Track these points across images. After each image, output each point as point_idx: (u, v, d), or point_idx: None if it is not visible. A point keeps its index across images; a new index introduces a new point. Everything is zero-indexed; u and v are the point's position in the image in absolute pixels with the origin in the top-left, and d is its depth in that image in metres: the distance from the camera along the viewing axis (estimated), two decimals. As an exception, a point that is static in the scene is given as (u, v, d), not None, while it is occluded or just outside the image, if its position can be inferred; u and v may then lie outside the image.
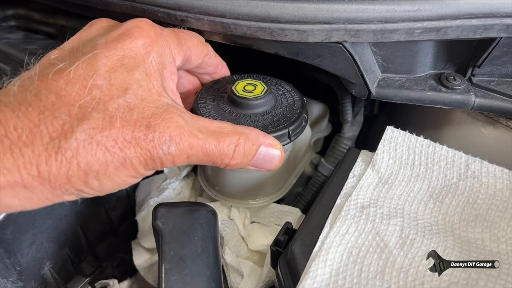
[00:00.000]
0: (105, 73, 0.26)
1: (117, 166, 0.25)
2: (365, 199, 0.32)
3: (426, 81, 0.37)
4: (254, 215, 0.44)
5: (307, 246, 0.30)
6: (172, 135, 0.26)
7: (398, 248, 0.28)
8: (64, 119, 0.24)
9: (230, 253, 0.39)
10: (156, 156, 0.26)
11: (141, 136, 0.25)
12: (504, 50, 0.34)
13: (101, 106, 0.25)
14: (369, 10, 0.31)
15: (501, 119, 0.37)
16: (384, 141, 0.36)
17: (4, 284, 0.37)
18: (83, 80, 0.26)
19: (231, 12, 0.33)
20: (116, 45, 0.28)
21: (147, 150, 0.25)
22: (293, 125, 0.35)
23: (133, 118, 0.25)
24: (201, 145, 0.28)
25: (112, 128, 0.25)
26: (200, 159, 0.28)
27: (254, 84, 0.36)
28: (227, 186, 0.43)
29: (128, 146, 0.25)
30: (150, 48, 0.29)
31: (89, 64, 0.26)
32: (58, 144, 0.23)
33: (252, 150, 0.31)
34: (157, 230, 0.31)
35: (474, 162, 0.33)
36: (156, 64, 0.29)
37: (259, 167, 0.32)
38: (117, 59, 0.28)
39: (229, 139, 0.29)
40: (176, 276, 0.29)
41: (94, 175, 0.24)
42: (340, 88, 0.46)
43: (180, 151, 0.27)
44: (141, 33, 0.29)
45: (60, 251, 0.42)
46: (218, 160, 0.29)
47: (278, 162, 0.33)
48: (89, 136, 0.24)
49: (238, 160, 0.30)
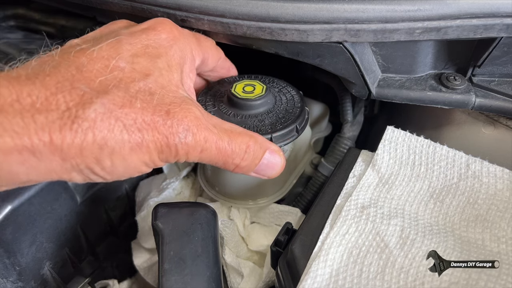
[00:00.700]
0: (128, 57, 0.26)
1: (133, 147, 0.24)
2: (366, 199, 0.32)
3: (426, 81, 0.37)
4: (254, 215, 0.44)
5: (307, 246, 0.30)
6: (190, 125, 0.26)
7: (398, 248, 0.28)
8: (84, 90, 0.23)
9: (230, 253, 0.39)
10: (173, 144, 0.25)
11: (160, 120, 0.25)
12: (505, 50, 0.34)
13: (123, 85, 0.25)
14: (369, 10, 0.31)
15: (502, 119, 0.37)
16: (384, 141, 0.36)
17: (4, 284, 0.37)
18: (106, 60, 0.25)
19: (231, 12, 0.33)
20: (140, 35, 0.29)
21: (164, 136, 0.25)
22: (299, 119, 0.35)
23: (153, 102, 0.25)
24: (215, 140, 0.28)
25: (132, 107, 0.24)
26: (212, 156, 0.28)
27: (252, 84, 0.37)
28: (227, 186, 0.43)
29: (147, 128, 0.24)
30: (173, 42, 0.30)
31: (113, 47, 0.27)
32: (75, 114, 0.22)
33: (260, 154, 0.31)
34: (157, 230, 0.31)
35: (475, 162, 0.33)
36: (178, 58, 0.30)
37: (261, 173, 0.32)
38: (141, 47, 0.28)
39: (241, 138, 0.29)
40: (176, 276, 0.29)
41: (108, 152, 0.23)
42: (340, 88, 0.46)
43: (195, 142, 0.26)
44: (165, 28, 0.30)
45: (60, 251, 0.42)
46: (229, 159, 0.29)
47: (280, 169, 0.33)
48: (109, 110, 0.23)
49: (248, 162, 0.30)
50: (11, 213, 0.35)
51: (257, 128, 0.34)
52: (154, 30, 0.30)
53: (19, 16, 0.62)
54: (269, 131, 0.34)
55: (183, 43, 0.31)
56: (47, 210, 0.39)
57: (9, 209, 0.35)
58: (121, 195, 0.49)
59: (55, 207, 0.39)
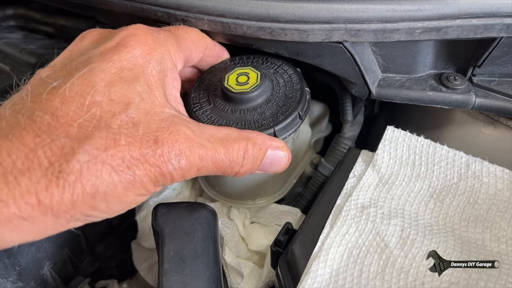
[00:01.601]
0: (103, 89, 0.25)
1: (126, 186, 0.23)
2: (366, 199, 0.32)
3: (426, 81, 0.37)
4: (254, 215, 0.44)
5: (307, 247, 0.30)
6: (182, 149, 0.25)
7: (398, 249, 0.28)
8: (63, 142, 0.22)
9: (230, 253, 0.39)
10: (167, 172, 0.25)
11: (149, 152, 0.24)
12: (505, 50, 0.34)
13: (103, 124, 0.24)
14: (370, 9, 0.31)
15: (502, 119, 0.37)
16: (384, 141, 0.36)
17: (4, 284, 0.37)
18: (80, 98, 0.24)
19: (231, 12, 0.33)
20: (112, 57, 0.26)
21: (156, 166, 0.24)
22: (300, 104, 0.34)
23: (138, 134, 0.24)
24: (211, 155, 0.27)
25: (118, 146, 0.23)
26: (210, 170, 0.27)
27: (245, 73, 0.34)
28: (227, 186, 0.43)
29: (137, 163, 0.23)
30: (149, 57, 0.28)
31: (86, 79, 0.25)
32: (58, 169, 0.21)
33: (260, 155, 0.30)
34: (157, 230, 0.31)
35: (475, 162, 0.33)
36: (157, 73, 0.28)
37: (267, 170, 0.32)
38: (115, 72, 0.26)
39: (238, 145, 0.28)
40: (176, 277, 0.29)
41: (101, 197, 0.23)
42: (340, 88, 0.46)
43: (190, 164, 0.26)
44: (138, 42, 0.28)
45: (59, 251, 0.42)
46: (228, 169, 0.28)
47: (286, 163, 0.32)
48: (93, 156, 0.22)
49: (248, 167, 0.29)
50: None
51: (258, 123, 0.32)
52: (126, 47, 0.27)
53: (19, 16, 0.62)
54: (271, 124, 0.32)
55: (160, 52, 0.29)
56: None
57: (9, 209, 0.34)
58: (121, 195, 0.49)
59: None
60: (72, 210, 0.22)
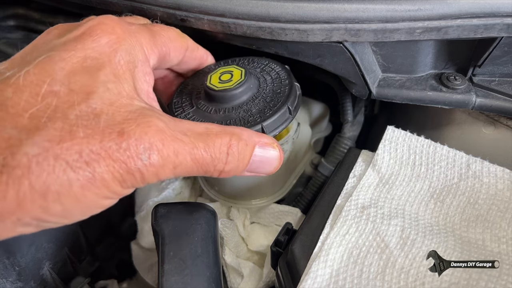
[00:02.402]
0: (63, 78, 0.22)
1: (84, 185, 0.20)
2: (366, 199, 0.32)
3: (426, 81, 0.37)
4: (254, 215, 0.44)
5: (307, 247, 0.30)
6: (152, 142, 0.22)
7: (398, 249, 0.28)
8: (9, 133, 0.19)
9: (230, 253, 0.39)
10: (135, 169, 0.21)
11: (112, 145, 0.21)
12: (505, 49, 0.34)
13: (59, 114, 0.21)
14: (370, 9, 0.31)
15: (502, 119, 0.37)
16: (384, 141, 0.36)
17: (4, 284, 0.37)
18: (36, 87, 0.21)
19: (231, 12, 0.33)
20: (75, 46, 0.24)
21: (121, 162, 0.21)
22: (289, 99, 0.31)
23: (100, 125, 0.21)
24: (189, 150, 0.23)
25: (74, 139, 0.20)
26: (189, 169, 0.24)
27: (228, 71, 0.32)
28: (227, 187, 0.42)
29: (97, 159, 0.20)
30: (117, 46, 0.25)
31: (43, 68, 0.22)
32: (2, 162, 0.19)
33: (247, 152, 0.27)
34: (157, 231, 0.31)
35: (475, 162, 0.33)
36: (125, 64, 0.25)
37: (257, 171, 0.28)
38: (78, 60, 0.23)
39: (220, 140, 0.25)
40: (176, 277, 0.29)
41: (54, 197, 0.20)
42: (341, 88, 0.46)
43: (164, 160, 0.22)
44: (105, 30, 0.25)
45: (59, 251, 0.42)
46: (211, 167, 0.25)
47: (277, 163, 0.29)
48: (44, 149, 0.19)
49: (233, 164, 0.26)
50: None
51: (244, 120, 0.30)
52: (91, 35, 0.24)
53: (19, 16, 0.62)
54: (258, 120, 0.29)
55: (130, 43, 0.26)
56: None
57: (9, 209, 0.34)
58: (121, 195, 0.49)
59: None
60: (19, 212, 0.19)
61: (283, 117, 0.30)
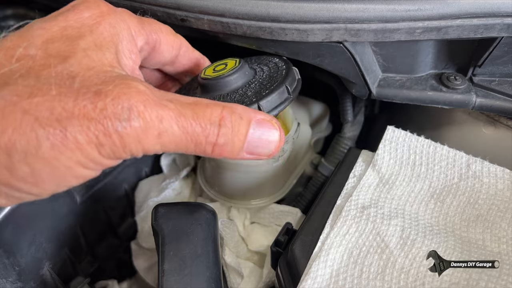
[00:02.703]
0: (40, 44, 0.21)
1: (54, 145, 0.18)
2: (366, 199, 0.32)
3: (426, 81, 0.37)
4: (254, 215, 0.44)
5: (308, 247, 0.30)
6: (133, 103, 0.20)
7: (398, 249, 0.28)
8: None
9: (230, 253, 0.39)
10: (113, 131, 0.19)
11: (87, 104, 0.19)
12: (505, 49, 0.34)
13: (32, 74, 0.20)
14: (370, 9, 0.31)
15: (502, 119, 0.37)
16: (384, 141, 0.36)
17: (3, 285, 0.37)
18: (11, 50, 0.20)
19: (231, 12, 0.33)
20: (56, 18, 0.23)
21: (97, 122, 0.19)
22: (287, 80, 0.29)
23: (74, 86, 0.19)
24: (175, 117, 0.21)
25: (46, 96, 0.19)
26: (177, 139, 0.22)
27: (223, 63, 0.31)
28: (227, 186, 0.42)
29: (69, 117, 0.18)
30: (101, 19, 0.24)
31: (20, 36, 0.21)
32: None
33: (242, 126, 0.24)
34: (157, 231, 0.31)
35: (475, 162, 0.33)
36: (108, 35, 0.23)
37: (257, 152, 0.25)
38: (57, 29, 0.22)
39: (210, 110, 0.22)
40: (175, 277, 0.29)
41: (20, 157, 0.18)
42: (341, 88, 0.46)
43: (146, 124, 0.20)
44: (89, 7, 0.24)
45: (59, 252, 0.42)
46: (201, 137, 0.22)
47: (278, 142, 0.26)
48: (11, 103, 0.18)
49: (227, 138, 0.23)
50: (10, 213, 0.35)
51: (239, 102, 0.28)
52: (73, 10, 0.23)
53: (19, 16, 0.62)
54: (254, 100, 0.27)
55: (114, 19, 0.24)
56: (47, 210, 0.39)
57: (9, 209, 0.34)
58: (120, 195, 0.49)
59: (55, 207, 0.39)
60: None
61: (282, 96, 0.28)
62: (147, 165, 0.51)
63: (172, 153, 0.50)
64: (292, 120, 0.42)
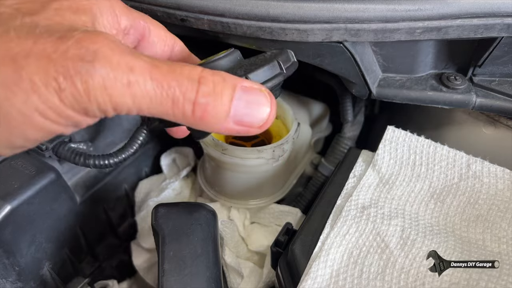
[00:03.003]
0: (10, 3, 0.20)
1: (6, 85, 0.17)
2: (366, 199, 0.32)
3: (426, 81, 0.37)
4: (254, 215, 0.44)
5: (308, 247, 0.30)
6: (99, 47, 0.18)
7: (399, 249, 0.28)
8: None
9: (230, 253, 0.39)
10: (74, 73, 0.17)
11: (48, 47, 0.17)
12: (505, 49, 0.34)
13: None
14: (370, 9, 0.31)
15: (502, 119, 0.37)
16: (385, 141, 0.36)
17: (3, 285, 0.37)
18: None
19: (231, 12, 0.33)
20: None
21: (57, 64, 0.17)
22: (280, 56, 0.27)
23: (36, 30, 0.18)
24: (148, 68, 0.19)
25: (3, 37, 0.18)
26: (150, 93, 0.19)
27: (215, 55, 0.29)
28: (227, 186, 0.42)
29: (26, 56, 0.17)
30: None
31: None
32: None
33: (226, 89, 0.21)
34: (157, 231, 0.31)
35: (475, 162, 0.33)
36: (87, 4, 0.22)
37: (245, 122, 0.22)
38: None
39: (189, 68, 0.20)
40: (175, 277, 0.29)
41: None
42: (341, 88, 0.46)
43: (113, 69, 0.18)
44: None
45: (59, 252, 0.42)
46: (178, 94, 0.20)
47: (269, 110, 0.23)
48: None
49: (209, 98, 0.20)
50: (10, 213, 0.35)
51: None
52: None
53: None
54: (242, 73, 0.25)
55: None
56: (47, 210, 0.39)
57: (8, 209, 0.34)
58: (120, 195, 0.49)
59: (55, 207, 0.39)
60: None
61: (273, 71, 0.26)
62: (147, 165, 0.51)
63: (173, 153, 0.50)
64: (292, 120, 0.42)
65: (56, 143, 0.37)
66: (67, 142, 0.38)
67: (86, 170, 0.44)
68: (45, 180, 0.37)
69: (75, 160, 0.35)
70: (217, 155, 0.38)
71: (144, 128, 0.35)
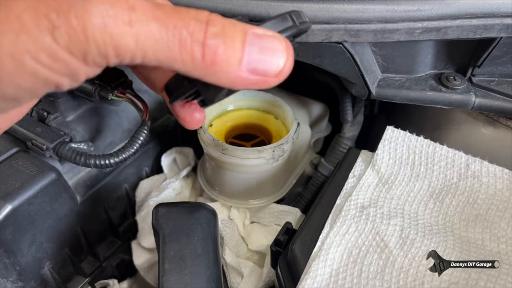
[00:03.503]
0: None
1: None
2: (365, 199, 0.32)
3: (426, 81, 0.37)
4: (254, 215, 0.44)
5: (307, 246, 0.30)
6: None
7: (398, 248, 0.28)
8: None
9: (230, 253, 0.39)
10: (68, 8, 0.16)
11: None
12: (504, 50, 0.34)
13: None
14: (369, 10, 0.31)
15: (501, 119, 0.37)
16: (384, 141, 0.36)
17: (4, 284, 0.37)
18: None
19: (231, 12, 0.33)
20: None
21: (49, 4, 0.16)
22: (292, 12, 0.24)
23: None
24: (151, 7, 0.17)
25: None
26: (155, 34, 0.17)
27: None
28: (227, 186, 0.43)
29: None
30: None
31: None
32: None
33: (237, 32, 0.19)
34: (157, 230, 0.31)
35: (474, 162, 0.33)
36: None
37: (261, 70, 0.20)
38: None
39: (195, 11, 0.19)
40: (176, 277, 0.29)
41: None
42: (340, 88, 0.46)
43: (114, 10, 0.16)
44: None
45: (60, 251, 0.42)
46: (186, 34, 0.18)
47: (285, 56, 0.20)
48: None
49: (218, 40, 0.18)
50: (11, 213, 0.35)
51: None
52: None
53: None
54: None
55: None
56: (47, 210, 0.39)
57: (9, 209, 0.35)
58: (121, 195, 0.49)
59: (55, 207, 0.39)
60: None
61: (284, 23, 0.23)
62: (147, 165, 0.51)
63: (173, 153, 0.50)
64: (292, 120, 0.42)
65: (57, 143, 0.37)
66: (67, 142, 0.38)
67: (87, 170, 0.44)
68: (46, 180, 0.37)
69: (76, 160, 0.36)
70: (217, 155, 0.39)
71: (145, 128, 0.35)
